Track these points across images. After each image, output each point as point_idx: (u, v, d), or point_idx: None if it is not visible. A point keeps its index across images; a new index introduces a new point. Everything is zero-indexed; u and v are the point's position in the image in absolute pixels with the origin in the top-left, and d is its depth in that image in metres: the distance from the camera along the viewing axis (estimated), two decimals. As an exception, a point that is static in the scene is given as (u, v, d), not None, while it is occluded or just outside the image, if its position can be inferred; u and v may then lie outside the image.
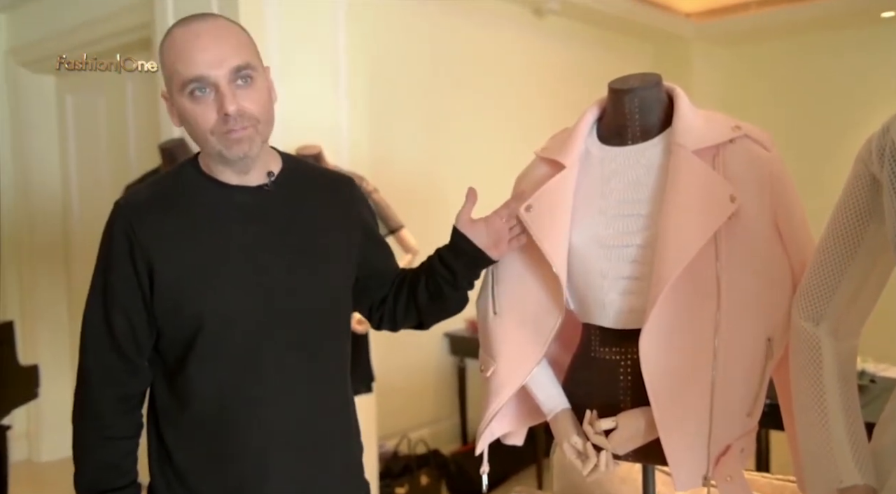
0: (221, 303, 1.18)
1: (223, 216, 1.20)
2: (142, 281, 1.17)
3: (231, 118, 1.12)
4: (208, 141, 1.15)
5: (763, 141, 1.17)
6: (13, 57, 3.97)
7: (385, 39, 3.55)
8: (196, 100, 1.12)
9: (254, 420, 1.20)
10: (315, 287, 1.25)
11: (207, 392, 1.19)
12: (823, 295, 1.03)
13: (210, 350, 1.18)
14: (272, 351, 1.20)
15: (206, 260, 1.18)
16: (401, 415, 3.70)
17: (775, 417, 1.28)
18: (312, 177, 1.34)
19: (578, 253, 1.19)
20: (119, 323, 1.18)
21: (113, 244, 1.18)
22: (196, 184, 1.22)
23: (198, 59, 1.11)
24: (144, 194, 1.23)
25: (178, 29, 1.15)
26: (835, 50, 4.96)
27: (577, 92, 4.34)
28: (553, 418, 1.26)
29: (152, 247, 1.16)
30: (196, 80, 1.11)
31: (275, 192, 1.24)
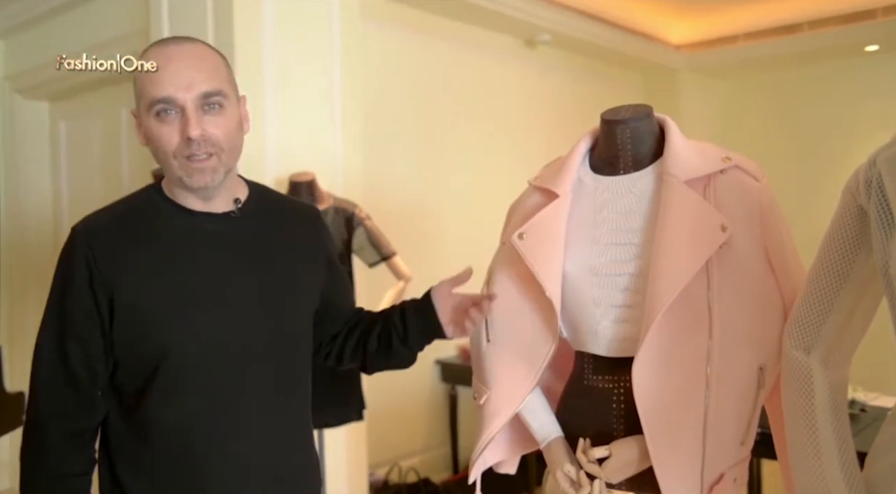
0: (188, 335, 1.14)
1: (189, 243, 1.17)
2: (101, 310, 1.13)
3: (194, 142, 1.11)
4: (170, 164, 1.13)
5: (753, 171, 1.19)
6: (9, 83, 3.99)
7: (379, 68, 3.59)
8: (161, 121, 1.12)
9: (221, 456, 1.16)
10: (283, 318, 1.23)
11: (171, 427, 1.14)
12: (814, 325, 1.04)
13: (175, 383, 1.14)
14: (240, 384, 1.17)
15: (171, 290, 1.14)
16: (392, 443, 3.67)
17: (768, 446, 1.28)
18: (280, 206, 1.32)
19: (571, 281, 1.20)
20: (75, 354, 1.14)
21: (71, 271, 1.14)
22: (160, 210, 1.19)
23: (167, 81, 1.11)
24: (104, 219, 1.19)
25: (154, 49, 1.15)
26: (821, 82, 5.05)
27: (568, 121, 4.41)
28: (546, 446, 1.26)
29: (114, 275, 1.13)
30: (163, 100, 1.11)
31: (242, 220, 1.22)
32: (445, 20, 3.95)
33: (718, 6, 4.63)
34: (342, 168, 3.01)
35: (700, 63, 5.20)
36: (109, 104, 3.71)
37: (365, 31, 3.23)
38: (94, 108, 3.80)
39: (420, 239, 3.74)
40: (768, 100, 5.31)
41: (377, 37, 3.56)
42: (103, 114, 3.78)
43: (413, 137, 3.86)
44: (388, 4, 3.65)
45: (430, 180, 3.93)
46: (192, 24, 2.84)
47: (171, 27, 2.94)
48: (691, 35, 5.05)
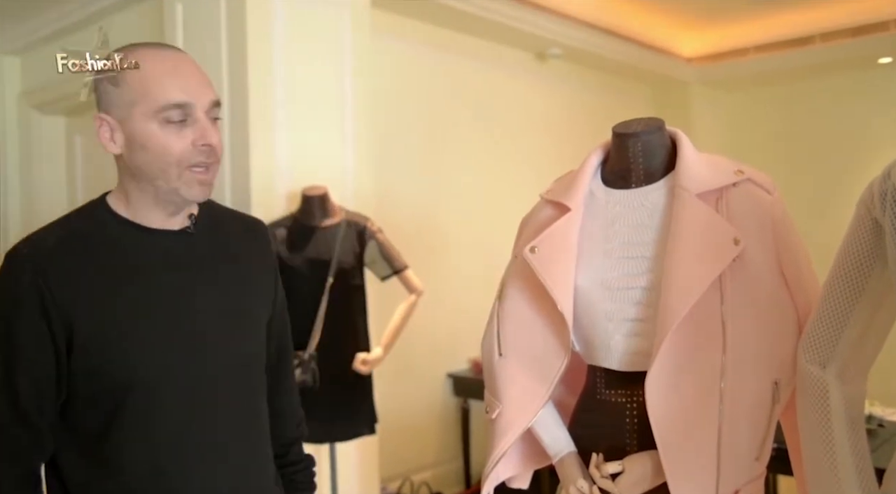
0: (155, 360, 1.07)
1: (148, 264, 1.10)
2: (57, 340, 1.03)
3: (208, 150, 1.06)
4: (168, 174, 1.06)
5: (765, 184, 1.19)
6: (25, 99, 4.05)
7: (390, 82, 3.61)
8: (168, 127, 1.05)
9: (194, 483, 1.10)
10: (244, 336, 1.20)
11: (140, 458, 1.07)
12: (829, 339, 1.03)
13: (145, 414, 1.07)
14: (211, 408, 1.13)
15: (133, 313, 1.06)
16: (404, 457, 3.66)
17: (784, 461, 1.27)
18: (228, 219, 1.26)
19: (583, 295, 1.20)
20: (24, 389, 1.03)
21: (18, 299, 1.03)
22: (111, 228, 1.10)
23: (179, 85, 1.05)
24: (51, 240, 1.07)
25: (149, 51, 1.07)
26: (834, 94, 5.03)
27: (579, 135, 4.41)
28: (559, 461, 1.25)
29: (70, 302, 1.03)
30: (177, 105, 1.05)
31: (196, 236, 1.16)
32: (456, 34, 3.97)
33: (729, 19, 4.64)
34: (354, 181, 3.03)
35: (711, 76, 5.20)
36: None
37: (376, 45, 3.25)
38: (109, 123, 3.84)
39: (432, 252, 3.75)
40: (780, 112, 5.30)
41: (388, 51, 3.58)
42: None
43: (424, 151, 3.88)
44: (399, 19, 3.68)
45: (441, 194, 3.94)
46: (205, 39, 2.87)
47: (185, 42, 2.97)
48: (702, 48, 5.06)
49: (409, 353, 3.47)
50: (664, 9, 4.45)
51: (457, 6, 3.59)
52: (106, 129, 1.08)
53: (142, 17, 3.28)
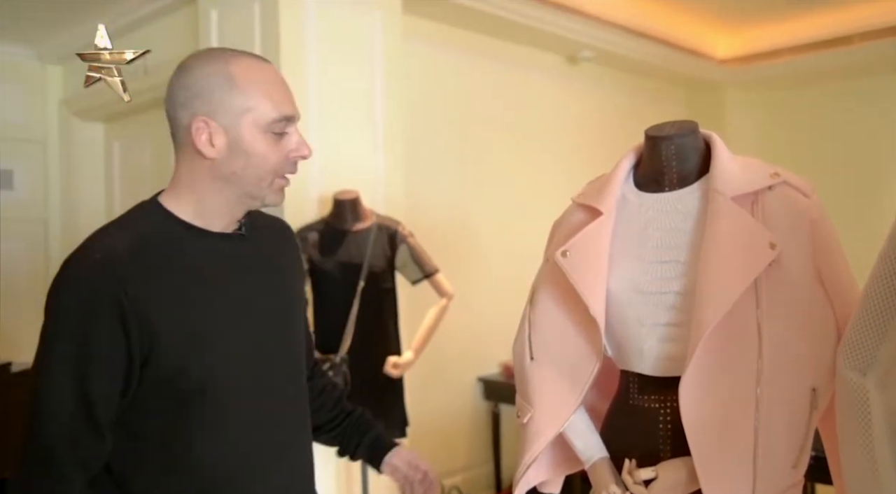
0: (227, 362, 1.09)
1: (212, 266, 1.12)
2: (132, 348, 1.02)
3: (297, 162, 1.13)
4: (263, 180, 1.10)
5: (802, 187, 1.16)
6: (66, 107, 4.15)
7: (421, 87, 3.63)
8: (275, 138, 1.09)
9: (261, 483, 1.13)
10: (294, 335, 1.23)
11: (212, 460, 1.08)
12: (870, 345, 1.01)
13: (216, 415, 1.08)
14: (276, 409, 1.16)
15: (205, 317, 1.08)
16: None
17: (822, 470, 1.24)
18: (261, 221, 1.27)
19: (616, 299, 1.19)
20: (99, 398, 1.02)
21: (93, 308, 1.01)
22: (174, 231, 1.11)
23: (287, 100, 1.11)
24: (121, 244, 1.06)
25: (253, 63, 1.10)
26: (873, 96, 4.92)
27: (611, 138, 4.38)
28: (591, 467, 1.24)
29: (149, 307, 1.02)
30: (288, 119, 1.10)
31: (247, 239, 1.18)
32: (487, 38, 3.98)
33: (764, 19, 4.57)
34: (385, 186, 3.05)
35: (745, 77, 5.13)
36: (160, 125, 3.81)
37: (407, 49, 3.27)
38: (145, 129, 3.93)
39: (462, 256, 3.75)
40: (816, 114, 5.20)
41: (419, 55, 3.60)
42: (154, 135, 3.90)
43: (455, 155, 3.88)
44: (430, 23, 3.69)
45: (472, 197, 3.94)
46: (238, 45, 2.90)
47: (220, 50, 3.02)
48: (736, 49, 4.99)
49: (440, 357, 3.48)
50: (697, 10, 4.40)
51: (487, 10, 3.59)
52: (205, 133, 1.08)
53: (179, 24, 3.35)
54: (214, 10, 3.04)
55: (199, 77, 1.08)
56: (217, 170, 1.10)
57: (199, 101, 1.08)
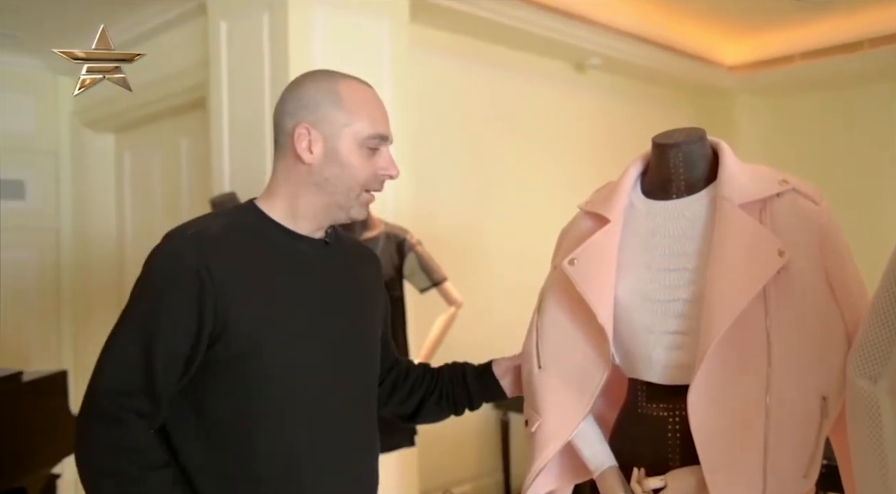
0: (293, 357, 1.13)
1: (294, 264, 1.18)
2: (203, 325, 1.07)
3: (385, 180, 1.19)
4: (351, 191, 1.17)
5: (812, 194, 1.16)
6: (77, 117, 4.19)
7: (429, 95, 3.64)
8: (369, 152, 1.17)
9: (323, 482, 1.15)
10: (369, 347, 1.27)
11: (274, 450, 1.11)
12: (880, 353, 1.00)
13: (279, 405, 1.12)
14: (337, 413, 1.18)
15: (281, 308, 1.14)
16: (443, 470, 3.65)
17: (834, 479, 1.23)
18: (349, 242, 1.36)
19: (624, 307, 1.18)
20: (161, 362, 1.06)
21: (176, 276, 1.08)
22: (263, 227, 1.18)
23: (384, 120, 1.20)
24: (214, 228, 1.15)
25: (359, 85, 1.21)
26: (883, 102, 4.89)
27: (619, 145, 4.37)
28: (599, 475, 1.23)
29: (229, 292, 1.08)
30: (384, 137, 1.19)
31: (331, 249, 1.25)
32: (494, 46, 3.99)
33: (773, 25, 4.56)
34: (392, 194, 3.05)
35: (754, 84, 5.11)
36: (170, 134, 3.86)
37: (414, 58, 3.28)
38: (155, 139, 3.96)
39: (471, 264, 3.75)
40: (826, 121, 5.17)
41: (426, 64, 3.61)
42: (164, 145, 3.93)
43: (463, 163, 3.89)
44: (438, 32, 3.71)
45: (480, 206, 3.94)
46: (248, 56, 2.94)
47: (229, 61, 3.05)
48: (745, 55, 4.97)
49: (449, 365, 3.46)
50: (705, 16, 4.40)
51: (494, 18, 3.60)
52: (305, 139, 1.16)
53: (188, 35, 3.37)
54: (224, 21, 3.07)
55: (310, 90, 1.18)
56: (312, 176, 1.17)
57: (305, 111, 1.17)
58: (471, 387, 1.41)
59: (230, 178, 3.06)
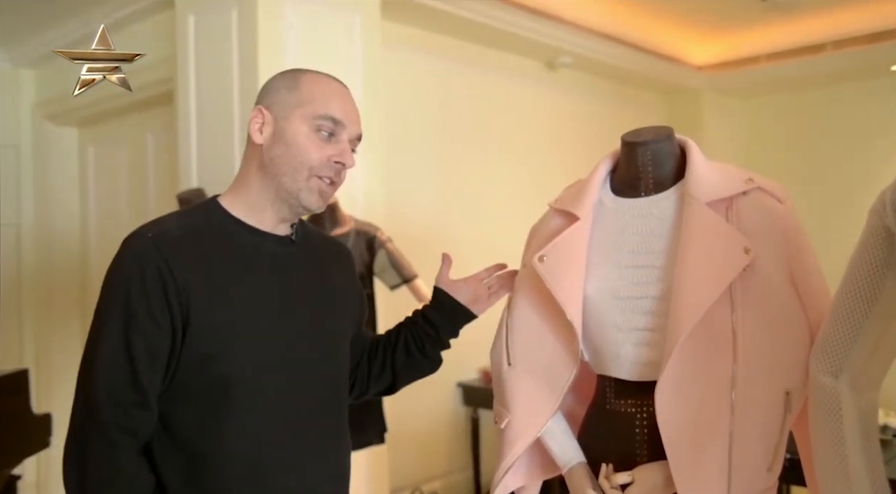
0: (260, 356, 1.12)
1: (257, 264, 1.16)
2: (175, 325, 1.07)
3: (339, 168, 1.17)
4: (299, 174, 1.14)
5: (777, 193, 1.18)
6: (39, 110, 4.09)
7: (400, 91, 3.62)
8: (315, 135, 1.15)
9: (290, 483, 1.14)
10: (334, 345, 1.26)
11: (240, 452, 1.10)
12: (842, 349, 1.02)
13: (244, 407, 1.11)
14: (307, 412, 1.18)
15: (243, 309, 1.12)
16: (413, 467, 3.64)
17: (797, 472, 1.26)
18: (319, 238, 1.35)
19: (593, 304, 1.19)
20: (143, 363, 1.06)
21: (141, 274, 1.07)
22: (226, 226, 1.17)
23: (340, 106, 1.18)
24: (174, 229, 1.14)
25: (324, 77, 1.21)
26: (846, 102, 5.00)
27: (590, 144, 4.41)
28: (568, 471, 1.24)
29: (189, 289, 1.08)
30: (333, 120, 1.16)
31: (297, 246, 1.23)
32: (466, 44, 3.99)
33: (741, 26, 4.63)
34: (363, 191, 3.03)
35: (722, 84, 5.18)
36: (136, 129, 3.79)
37: (386, 55, 3.27)
38: (121, 134, 3.88)
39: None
40: (791, 121, 5.27)
41: (398, 61, 3.60)
42: (130, 140, 3.86)
43: (434, 160, 3.88)
44: (409, 29, 3.69)
45: (451, 203, 3.94)
46: (217, 52, 2.90)
47: (197, 55, 3.00)
48: (713, 56, 5.04)
49: (419, 362, 3.46)
50: (675, 17, 4.45)
51: (466, 16, 3.60)
52: (258, 120, 1.18)
53: (155, 28, 3.31)
54: (192, 14, 3.02)
55: (275, 80, 1.21)
56: (262, 157, 1.17)
57: (263, 95, 1.20)
58: (427, 315, 1.37)
59: (197, 174, 3.01)
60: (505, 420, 1.24)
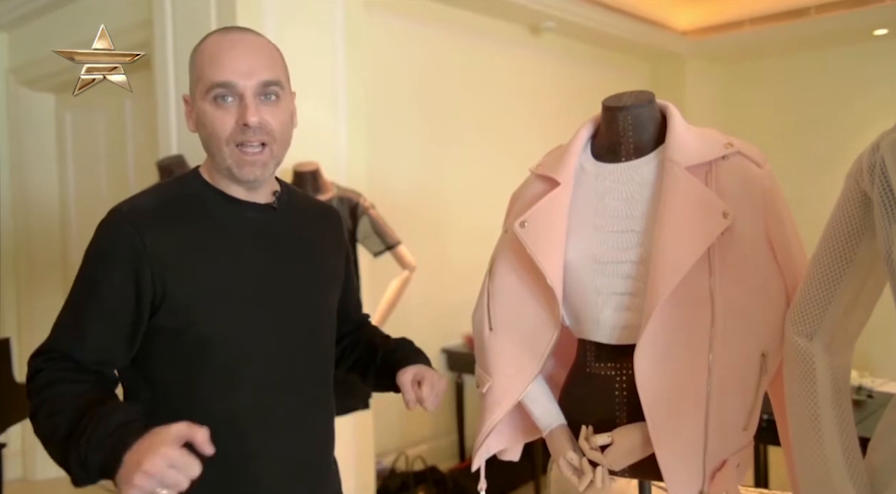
0: (237, 323, 1.13)
1: (235, 232, 1.16)
2: (142, 296, 1.08)
3: (250, 129, 1.10)
4: (221, 151, 1.12)
5: (755, 157, 1.18)
6: (14, 75, 4.00)
7: (383, 57, 3.58)
8: (217, 106, 1.10)
9: (272, 451, 1.15)
10: (318, 311, 1.25)
11: (224, 422, 1.10)
12: (816, 311, 1.04)
13: (227, 376, 1.12)
14: (287, 376, 1.18)
15: (219, 277, 1.12)
16: (398, 432, 3.69)
17: (773, 432, 1.28)
18: (306, 203, 1.34)
19: (573, 269, 1.20)
20: (93, 335, 1.08)
21: (112, 250, 1.09)
22: (204, 196, 1.17)
23: (229, 66, 1.10)
24: (150, 202, 1.14)
25: (216, 35, 1.15)
26: (828, 67, 5.01)
27: (573, 109, 4.39)
28: (549, 434, 1.26)
29: (164, 261, 1.08)
30: (222, 85, 1.10)
31: (280, 212, 1.22)
32: (449, 8, 3.93)
33: (725, -9, 4.60)
34: (346, 157, 3.01)
35: (706, 49, 5.17)
36: (115, 96, 3.71)
37: (369, 20, 3.22)
38: (99, 100, 3.81)
39: (424, 228, 3.74)
40: (774, 85, 5.28)
41: (381, 26, 3.54)
42: (108, 106, 3.79)
43: (417, 126, 3.85)
44: (392, -7, 3.64)
45: (434, 169, 3.92)
46: (195, 16, 2.84)
47: (175, 20, 2.94)
48: (697, 21, 5.01)
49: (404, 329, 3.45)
50: (659, -19, 4.41)
51: (449, -21, 3.55)
52: (188, 109, 1.17)
53: (130, -9, 3.23)
54: (167, -25, 2.94)
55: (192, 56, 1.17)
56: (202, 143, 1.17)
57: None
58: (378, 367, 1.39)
59: (177, 141, 2.97)
60: (487, 385, 1.25)
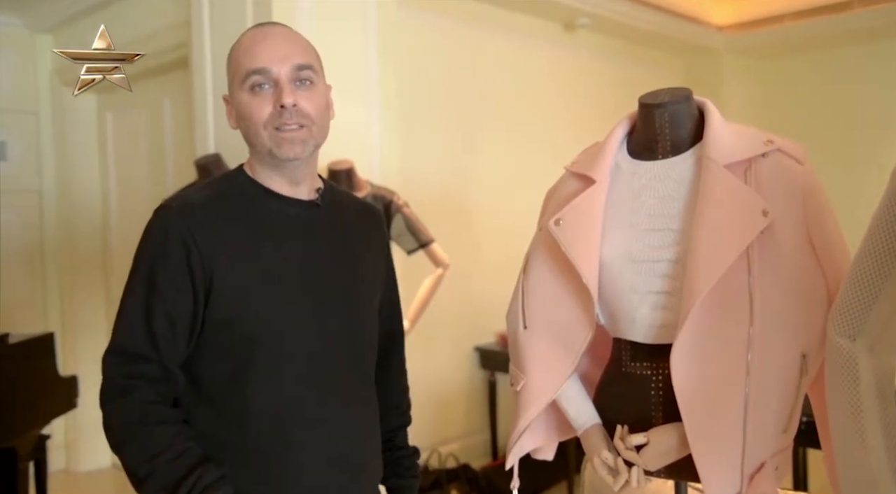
0: (283, 318, 1.15)
1: (280, 228, 1.19)
2: (197, 290, 1.12)
3: (286, 111, 1.13)
4: (260, 136, 1.15)
5: (796, 154, 1.16)
6: (58, 76, 4.10)
7: (416, 56, 3.59)
8: (254, 94, 1.14)
9: (314, 444, 1.17)
10: (361, 308, 1.27)
11: (268, 414, 1.14)
12: (860, 311, 1.01)
13: (268, 367, 1.14)
14: (330, 372, 1.20)
15: (266, 273, 1.15)
16: (431, 429, 3.70)
17: (812, 434, 1.26)
18: (349, 201, 1.36)
19: (609, 267, 1.19)
20: (161, 327, 1.11)
21: (164, 247, 1.12)
22: (250, 192, 1.19)
23: (262, 54, 1.14)
24: (198, 198, 1.18)
25: (250, 31, 1.19)
26: (869, 62, 4.88)
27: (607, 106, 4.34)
28: (583, 433, 1.26)
29: (212, 254, 1.12)
30: (258, 71, 1.13)
31: (323, 209, 1.24)
32: (482, 5, 3.92)
33: (764, -15, 4.51)
34: (379, 156, 3.03)
35: (744, 44, 5.07)
36: (154, 95, 3.79)
37: (402, 18, 3.23)
38: (139, 99, 3.89)
39: (458, 225, 3.74)
40: (814, 81, 5.15)
41: (414, 24, 3.55)
42: (148, 105, 3.86)
43: (450, 124, 3.85)
44: (425, -9, 3.64)
45: (467, 167, 3.92)
46: (232, 16, 2.88)
47: (212, 19, 2.99)
48: (735, 16, 4.93)
49: (436, 327, 3.49)
50: (696, -25, 4.34)
51: (483, -24, 3.54)
52: (230, 108, 1.20)
53: (169, -8, 3.29)
54: (205, -23, 2.99)
55: None
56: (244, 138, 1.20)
57: None
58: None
59: (214, 140, 3.02)
60: (521, 383, 1.25)
